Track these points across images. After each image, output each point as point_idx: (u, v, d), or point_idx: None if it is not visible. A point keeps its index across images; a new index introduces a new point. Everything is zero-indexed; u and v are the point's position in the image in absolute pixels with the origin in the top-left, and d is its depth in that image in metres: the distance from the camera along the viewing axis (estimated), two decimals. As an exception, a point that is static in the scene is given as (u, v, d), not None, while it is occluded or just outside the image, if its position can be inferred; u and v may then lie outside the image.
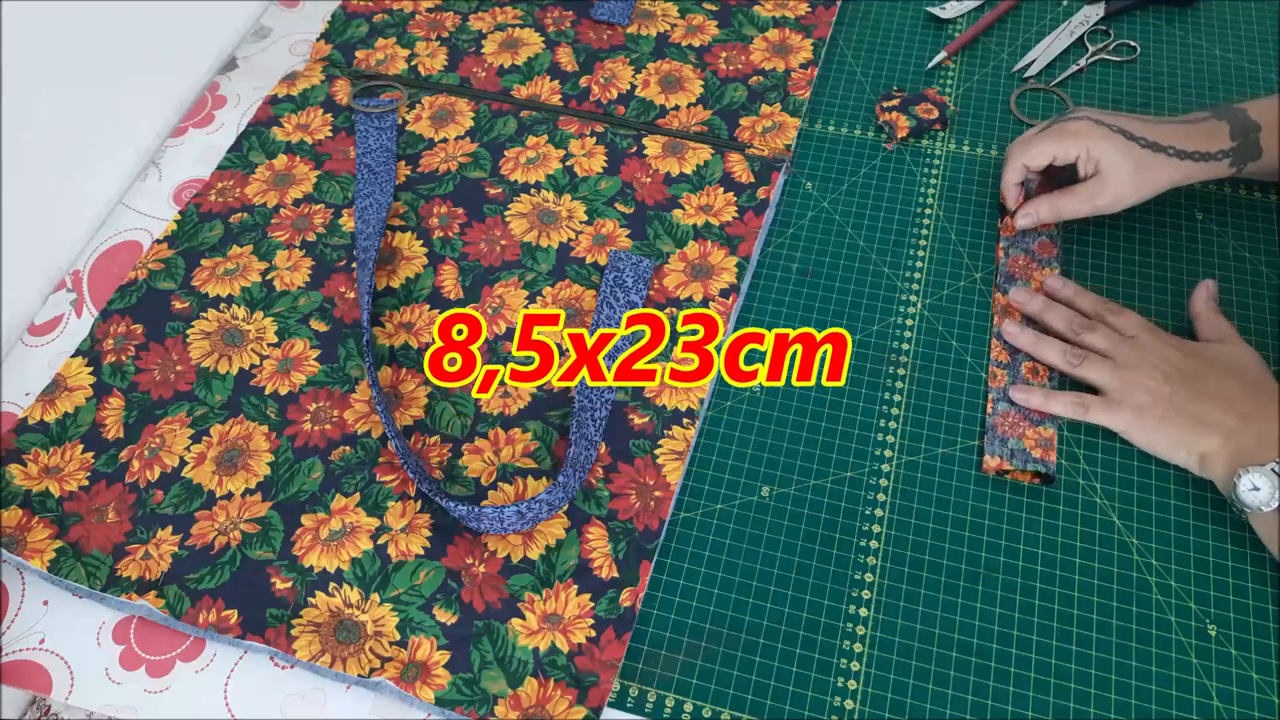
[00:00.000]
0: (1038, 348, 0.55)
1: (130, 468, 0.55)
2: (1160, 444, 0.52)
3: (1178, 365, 0.52)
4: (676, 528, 0.53)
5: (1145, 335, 0.54)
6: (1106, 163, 0.55)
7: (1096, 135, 0.55)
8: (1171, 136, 0.56)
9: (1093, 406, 0.53)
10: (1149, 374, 0.52)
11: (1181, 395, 0.51)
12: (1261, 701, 0.46)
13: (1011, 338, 0.56)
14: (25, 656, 0.50)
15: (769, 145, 0.67)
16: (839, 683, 0.48)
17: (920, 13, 0.75)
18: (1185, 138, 0.56)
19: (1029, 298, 0.57)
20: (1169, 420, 0.51)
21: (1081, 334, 0.55)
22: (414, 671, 0.47)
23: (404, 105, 0.71)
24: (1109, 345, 0.54)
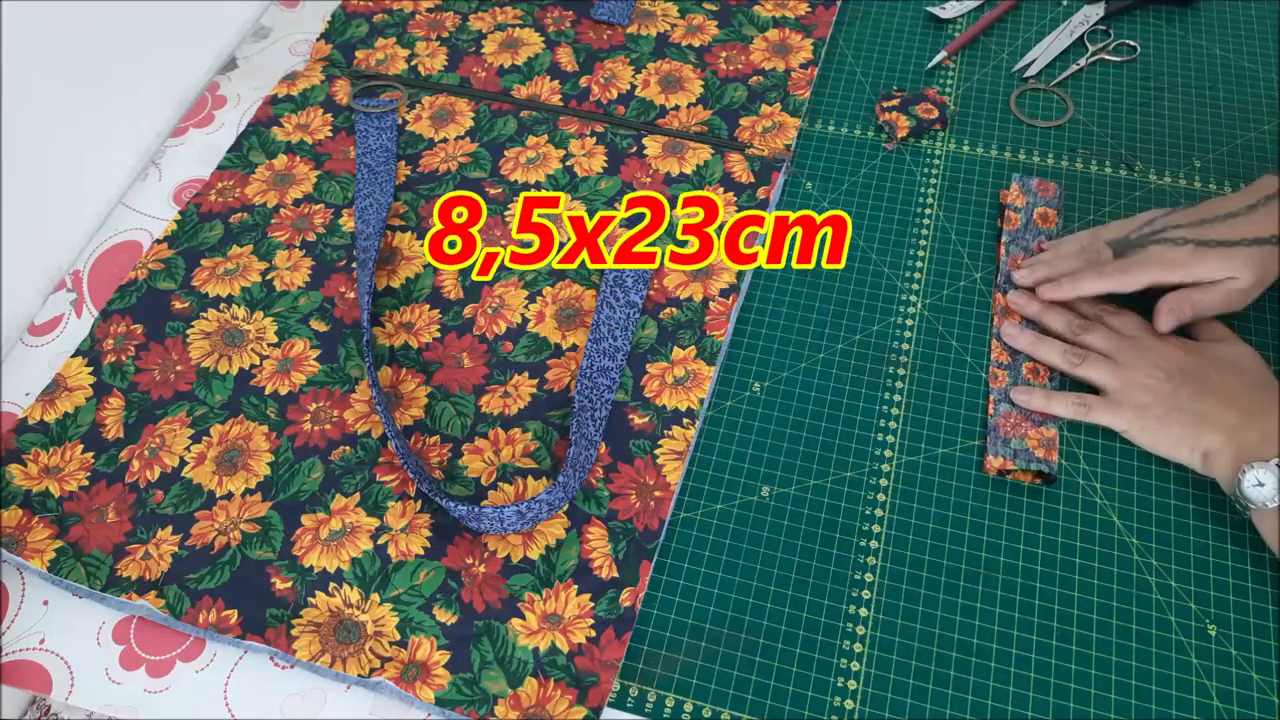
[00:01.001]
0: (1037, 348, 0.55)
1: (130, 468, 0.55)
2: (1162, 442, 0.52)
3: (1178, 363, 0.52)
4: (676, 528, 0.53)
5: (1145, 335, 0.54)
6: (1212, 273, 0.53)
7: (1202, 260, 0.53)
8: (1254, 227, 0.53)
9: (1094, 407, 0.53)
10: (1149, 373, 0.52)
11: (1183, 393, 0.51)
12: (1261, 701, 0.46)
13: (1011, 339, 0.56)
14: (25, 656, 0.50)
15: (769, 145, 0.67)
16: (839, 683, 0.48)
17: (920, 13, 0.75)
18: (1266, 224, 0.53)
19: (1027, 300, 0.57)
20: (1171, 418, 0.51)
21: (1081, 334, 0.55)
22: (414, 671, 0.47)
23: (404, 105, 0.71)
24: (1109, 345, 0.54)
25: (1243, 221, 0.54)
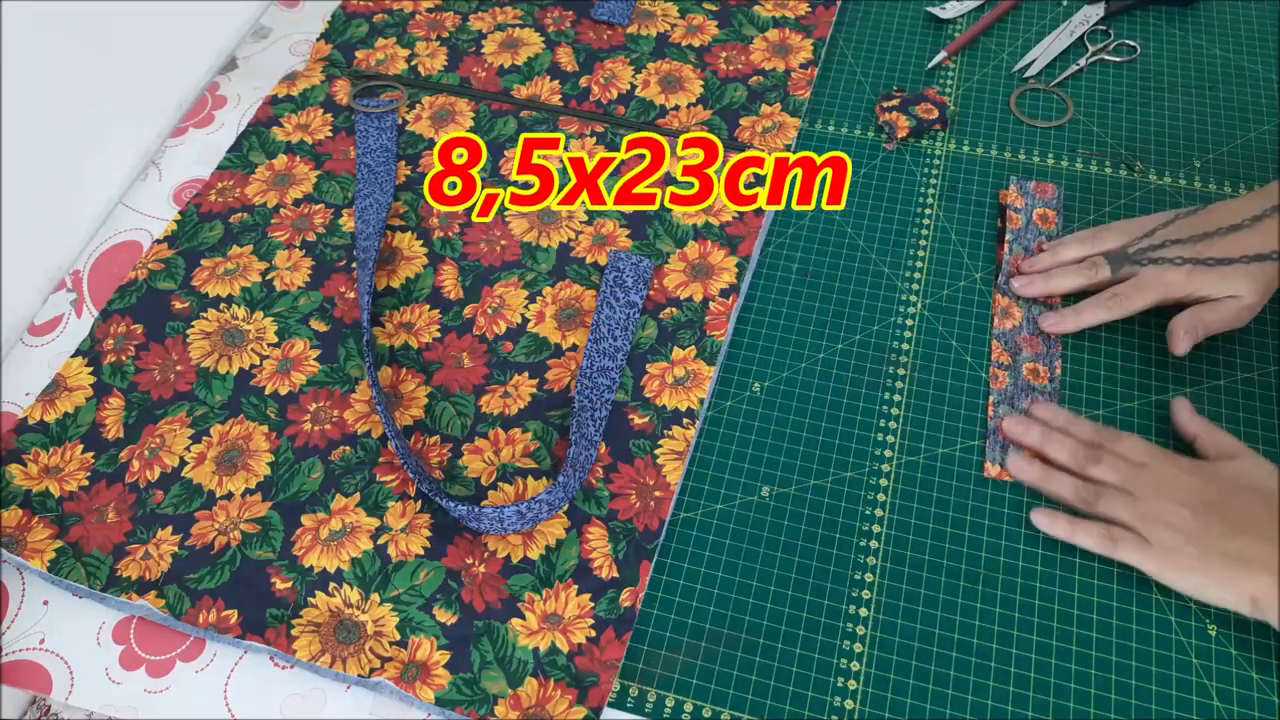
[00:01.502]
0: (1047, 483, 0.52)
1: (130, 468, 0.55)
2: (1200, 588, 0.47)
3: (1201, 495, 0.48)
4: (676, 528, 0.53)
5: (1156, 462, 0.50)
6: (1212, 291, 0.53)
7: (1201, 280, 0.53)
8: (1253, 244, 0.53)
9: (1121, 543, 0.49)
10: (1173, 510, 0.48)
11: (1214, 530, 0.47)
12: (1261, 701, 0.46)
13: (1019, 472, 0.53)
14: (25, 656, 0.50)
15: (769, 145, 0.67)
16: (839, 683, 0.48)
17: (920, 13, 0.75)
18: (1264, 240, 0.53)
19: (1025, 429, 0.53)
20: (1208, 560, 0.47)
21: (1089, 468, 0.51)
22: (414, 671, 0.47)
23: (404, 105, 0.71)
24: (1121, 478, 0.50)
25: (1245, 235, 0.54)
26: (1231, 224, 0.54)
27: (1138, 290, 0.55)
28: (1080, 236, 0.59)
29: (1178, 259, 0.54)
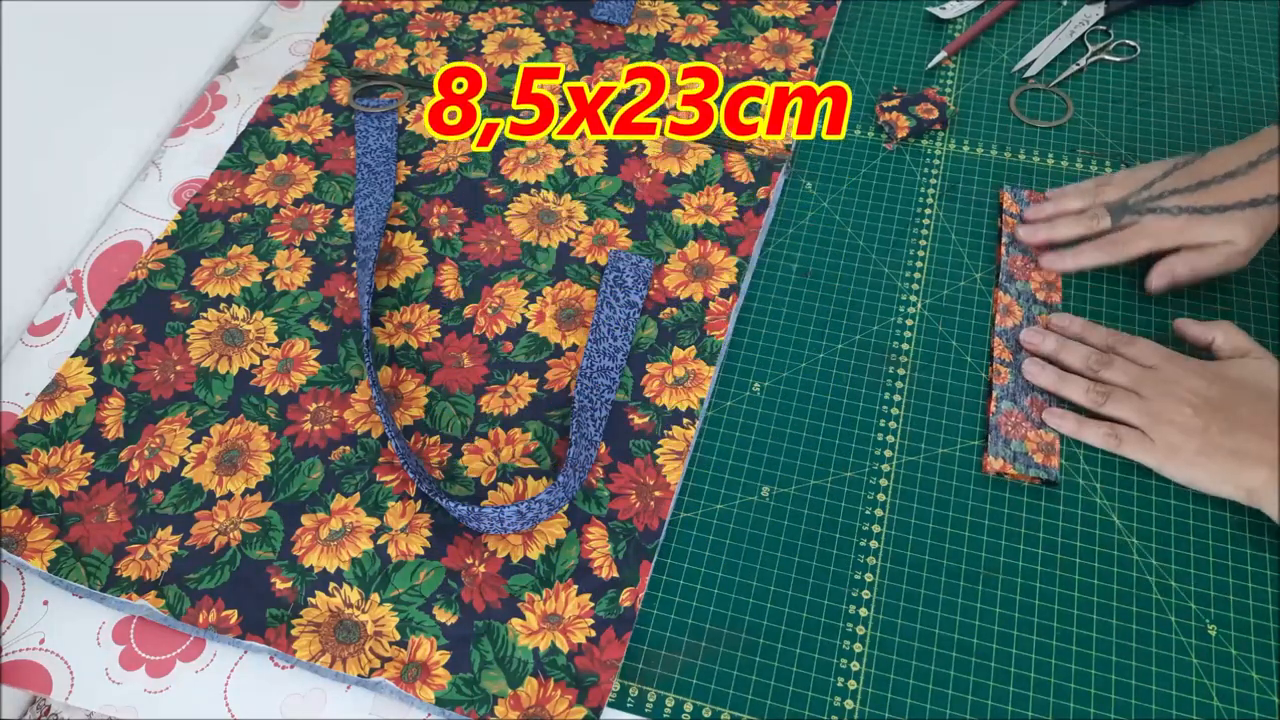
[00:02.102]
0: (1061, 387, 0.54)
1: (130, 468, 0.55)
2: (1201, 480, 0.50)
3: (1205, 395, 0.51)
4: (676, 528, 0.53)
5: (1165, 364, 0.53)
6: (1209, 238, 0.55)
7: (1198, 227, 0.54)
8: (1251, 189, 0.54)
9: (1126, 440, 0.52)
10: (1177, 408, 0.51)
11: (1214, 429, 0.50)
12: (1261, 701, 0.46)
13: (1033, 377, 0.55)
14: (25, 656, 0.50)
15: (769, 145, 0.67)
16: (839, 683, 0.48)
17: (920, 13, 0.75)
18: (1263, 184, 0.54)
19: (1041, 337, 0.56)
20: (1207, 455, 0.50)
21: (1100, 370, 0.54)
22: (414, 671, 0.47)
23: (404, 105, 0.71)
24: (1131, 379, 0.53)
25: (1242, 181, 0.54)
26: (1228, 171, 0.55)
27: (1136, 236, 0.57)
28: (1082, 187, 0.60)
29: (1175, 209, 0.55)
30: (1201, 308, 0.58)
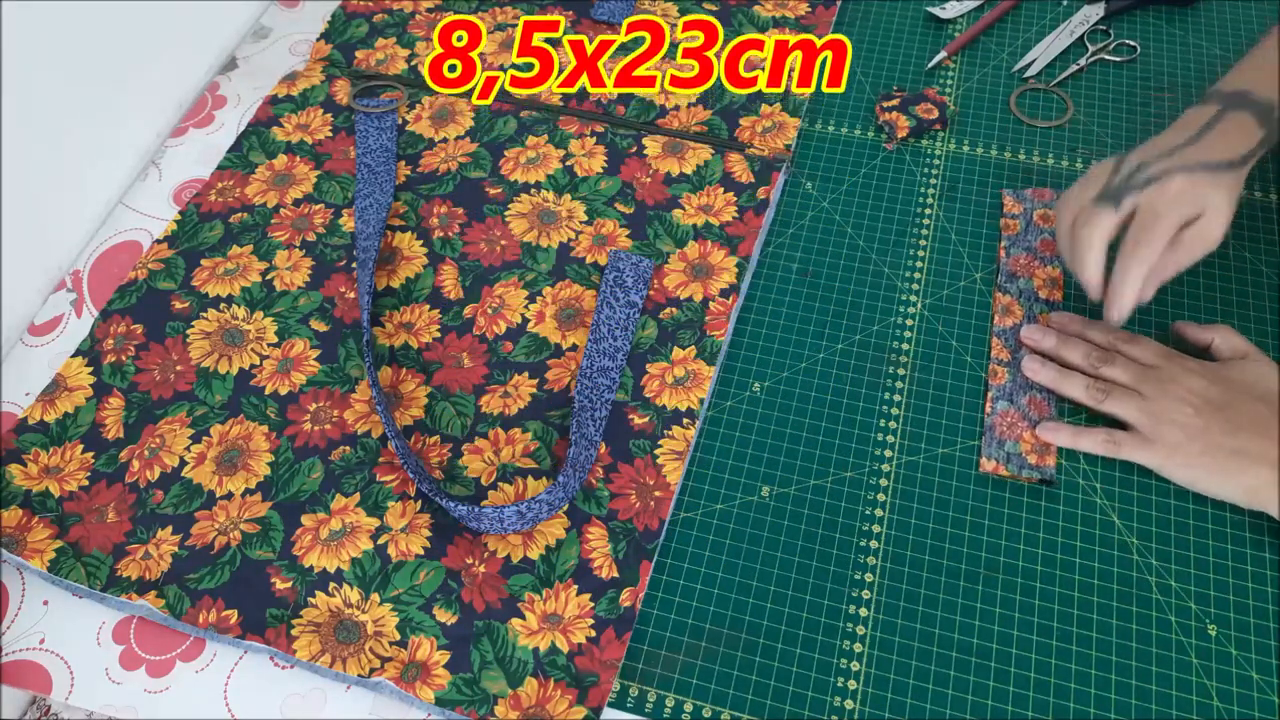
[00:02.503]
0: (1060, 384, 0.54)
1: (130, 468, 0.55)
2: (1201, 480, 0.50)
3: (1205, 395, 0.51)
4: (676, 528, 0.53)
5: (1166, 363, 0.53)
6: (1205, 203, 0.51)
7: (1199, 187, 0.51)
8: (1219, 148, 0.51)
9: (1124, 444, 0.52)
10: (1178, 408, 0.51)
11: (1215, 429, 0.50)
12: (1261, 701, 0.46)
13: (1033, 374, 0.55)
14: (25, 656, 0.50)
15: (769, 145, 0.67)
16: (839, 683, 0.48)
17: (920, 13, 0.75)
18: (1226, 143, 0.52)
19: (1042, 334, 0.56)
20: (1208, 455, 0.50)
21: (1101, 367, 0.53)
22: (414, 671, 0.47)
23: (404, 105, 0.71)
24: (1131, 378, 0.53)
25: (1195, 148, 0.52)
26: (1179, 144, 0.53)
27: (1152, 220, 0.50)
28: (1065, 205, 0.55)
29: (1163, 173, 0.51)
30: (1201, 308, 0.58)
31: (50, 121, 0.61)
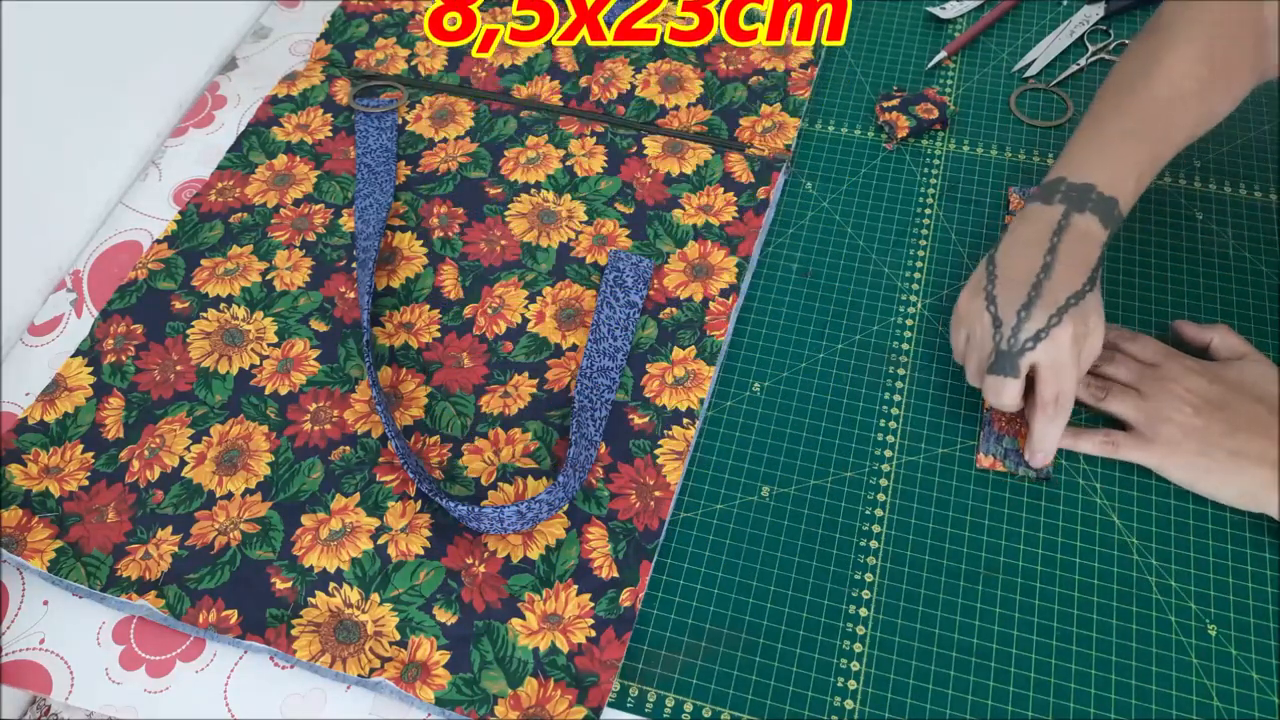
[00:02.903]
0: None
1: (130, 468, 0.55)
2: (1199, 480, 0.50)
3: (1205, 394, 0.51)
4: (676, 528, 0.53)
5: (1167, 362, 0.53)
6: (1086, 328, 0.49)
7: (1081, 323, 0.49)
8: (1076, 272, 0.49)
9: (1122, 444, 0.52)
10: (1177, 407, 0.51)
11: (1214, 429, 0.50)
12: (1261, 701, 0.46)
13: None
14: (25, 656, 0.50)
15: (769, 145, 0.67)
16: (839, 683, 0.48)
17: (920, 13, 0.75)
18: (1080, 262, 0.49)
19: None
20: (1206, 456, 0.50)
21: (1101, 366, 0.53)
22: (414, 671, 0.47)
23: (404, 105, 0.71)
24: (1132, 376, 0.53)
25: (1055, 283, 0.49)
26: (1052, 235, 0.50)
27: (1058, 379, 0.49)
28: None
29: (1048, 323, 0.48)
30: (1201, 308, 0.58)
31: (50, 121, 0.61)
